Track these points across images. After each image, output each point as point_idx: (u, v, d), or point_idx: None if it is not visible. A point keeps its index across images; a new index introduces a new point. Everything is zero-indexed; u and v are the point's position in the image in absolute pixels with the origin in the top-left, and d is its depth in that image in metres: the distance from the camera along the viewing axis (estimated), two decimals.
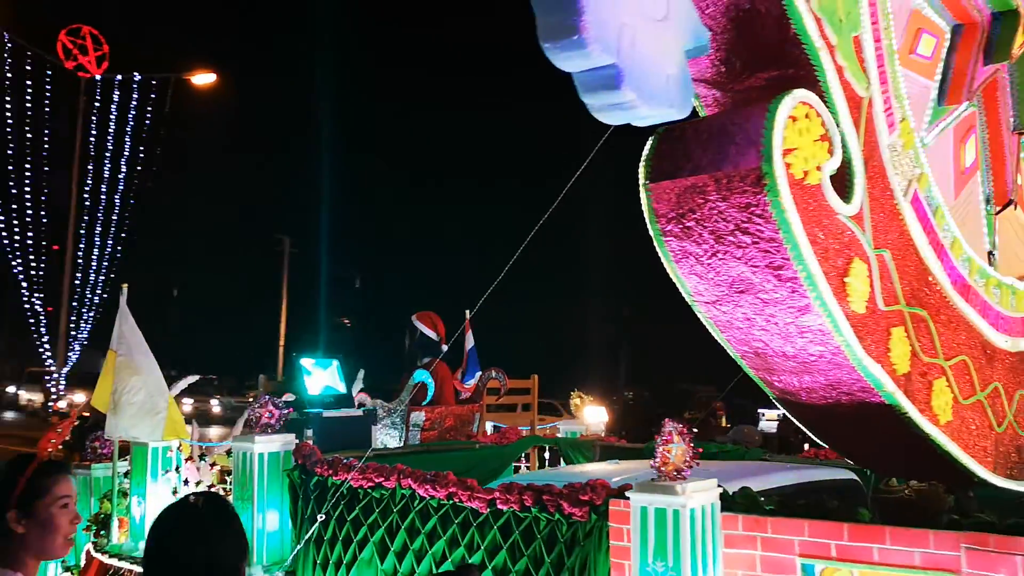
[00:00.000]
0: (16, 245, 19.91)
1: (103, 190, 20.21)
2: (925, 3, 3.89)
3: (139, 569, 5.52)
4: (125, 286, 6.11)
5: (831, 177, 3.10)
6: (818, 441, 4.25)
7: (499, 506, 4.20)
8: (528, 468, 6.92)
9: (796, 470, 4.73)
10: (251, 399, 5.71)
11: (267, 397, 5.29)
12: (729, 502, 3.58)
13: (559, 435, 7.08)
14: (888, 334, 3.31)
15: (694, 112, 3.40)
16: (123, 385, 5.55)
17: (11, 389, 30.47)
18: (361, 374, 6.49)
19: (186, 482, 5.83)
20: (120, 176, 20.23)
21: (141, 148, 20.13)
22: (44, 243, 20.56)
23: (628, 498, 3.55)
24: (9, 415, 26.39)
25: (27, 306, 20.87)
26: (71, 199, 20.41)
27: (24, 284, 20.55)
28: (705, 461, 5.32)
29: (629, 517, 3.54)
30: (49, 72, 19.53)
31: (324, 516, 4.92)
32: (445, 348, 6.44)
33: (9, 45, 18.36)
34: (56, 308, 21.33)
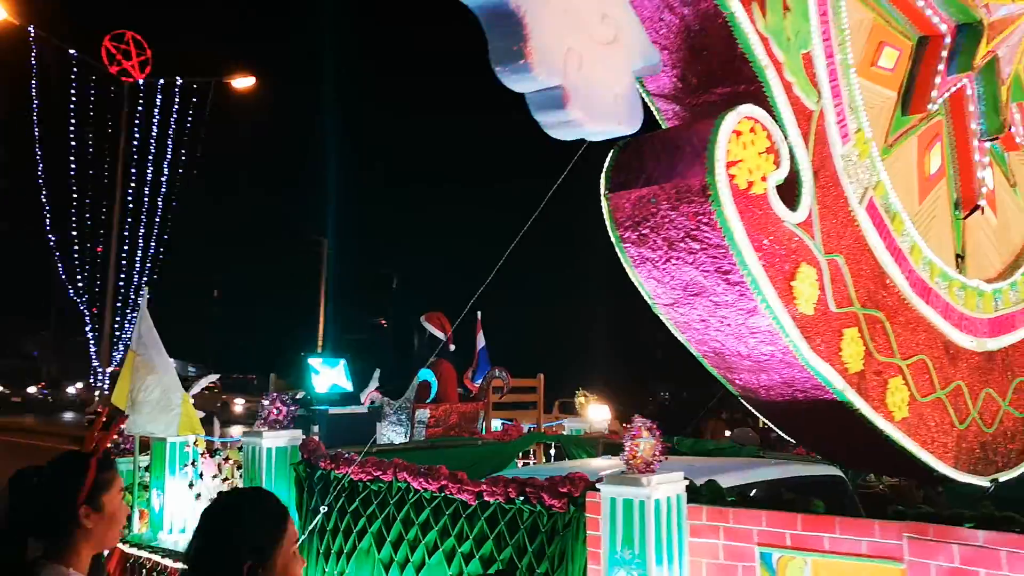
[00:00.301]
0: (63, 247, 20.49)
1: (146, 192, 20.75)
2: (888, 17, 4.06)
3: (157, 558, 5.82)
4: (147, 289, 6.41)
5: (779, 186, 3.28)
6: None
7: (486, 498, 4.39)
8: (535, 464, 7.14)
9: (784, 466, 4.88)
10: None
11: (275, 395, 5.55)
12: (695, 494, 3.76)
13: (564, 432, 7.29)
14: (840, 335, 3.48)
15: (657, 125, 3.60)
16: (140, 383, 5.83)
17: (72, 390, 31.18)
18: (376, 374, 6.74)
19: (202, 476, 6.12)
20: (162, 179, 20.77)
21: (183, 151, 20.67)
22: (88, 245, 21.08)
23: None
24: (68, 415, 26.76)
25: (73, 307, 21.36)
26: (115, 202, 20.92)
27: (70, 286, 21.05)
28: (701, 458, 5.54)
29: None
30: (93, 77, 20.11)
31: (326, 508, 5.16)
32: (452, 348, 6.68)
33: (46, 48, 18.92)
34: (101, 309, 21.81)
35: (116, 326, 21.00)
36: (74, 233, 20.26)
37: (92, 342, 21.39)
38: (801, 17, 3.40)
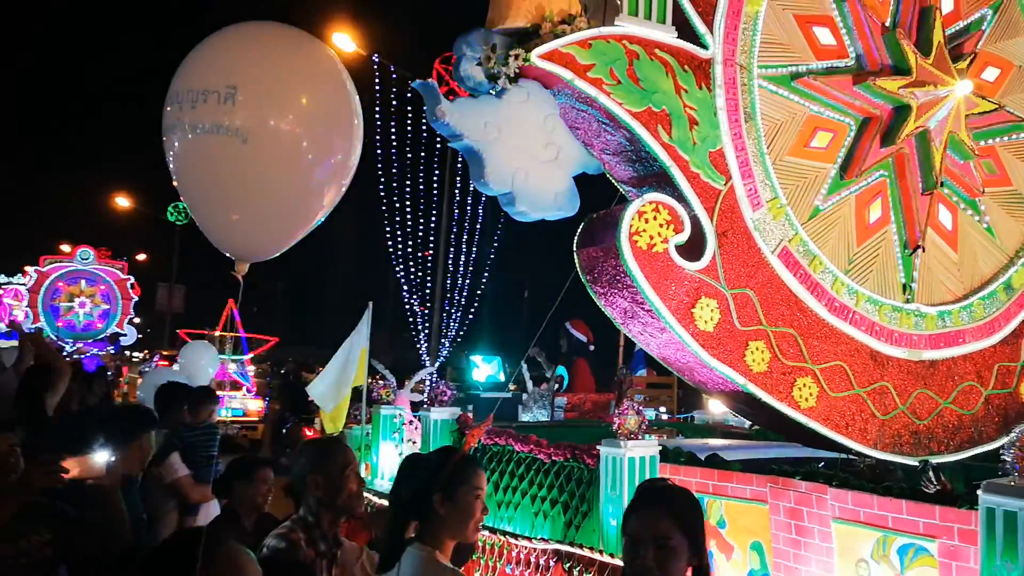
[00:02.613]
0: (398, 253, 23.67)
1: (468, 203, 23.60)
2: (824, 107, 5.29)
3: (372, 497, 8.01)
4: (371, 304, 8.66)
5: (688, 242, 4.74)
6: None
7: (553, 458, 6.10)
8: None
9: (795, 448, 6.11)
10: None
11: (442, 382, 7.58)
12: (664, 455, 5.25)
13: (694, 421, 8.69)
14: (745, 345, 4.84)
15: (622, 198, 5.14)
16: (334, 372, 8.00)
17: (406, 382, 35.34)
18: (524, 367, 8.54)
19: (403, 440, 8.28)
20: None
21: None
22: (419, 253, 24.20)
23: None
24: None
25: (406, 307, 24.46)
26: (442, 209, 23.96)
27: (404, 287, 24.14)
28: (738, 440, 6.85)
29: None
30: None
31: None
32: (592, 348, 8.35)
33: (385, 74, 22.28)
34: (431, 308, 24.90)
35: (443, 324, 23.93)
36: (409, 241, 23.27)
37: (423, 338, 24.49)
38: (709, 127, 4.82)
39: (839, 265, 5.23)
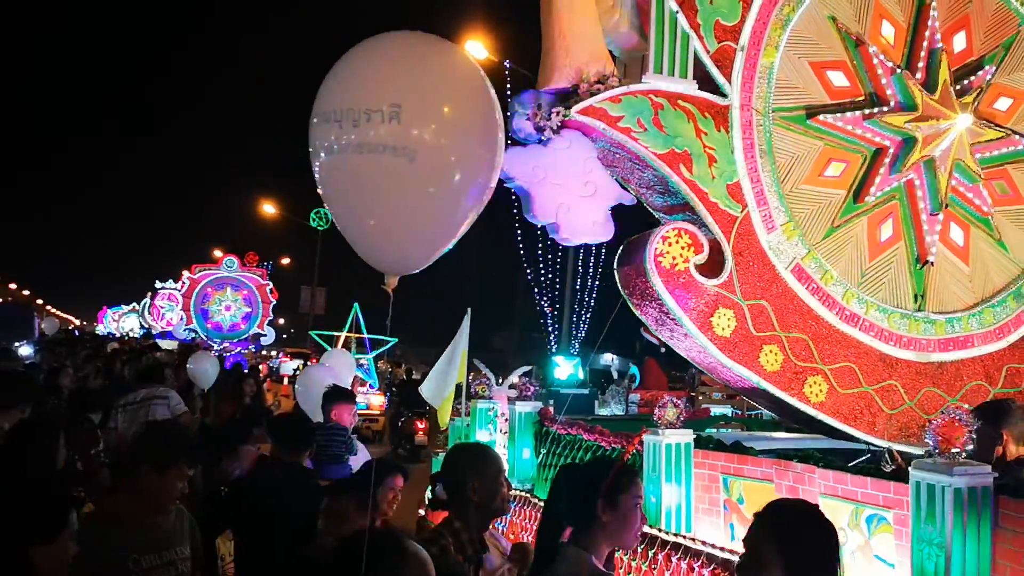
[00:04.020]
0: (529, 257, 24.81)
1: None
2: (839, 143, 6.01)
3: None
4: (469, 310, 9.72)
5: (708, 261, 5.58)
6: None
7: (612, 444, 7.01)
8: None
9: (821, 440, 6.79)
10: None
11: (528, 379, 8.58)
12: (698, 442, 6.08)
13: (762, 418, 9.39)
14: (759, 348, 5.64)
15: (657, 222, 6.00)
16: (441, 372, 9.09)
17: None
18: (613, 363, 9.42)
19: (497, 431, 9.32)
20: None
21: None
22: (549, 256, 25.35)
23: None
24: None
25: (538, 308, 25.55)
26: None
27: (535, 288, 25.24)
28: (781, 434, 7.57)
29: None
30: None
31: (545, 451, 8.05)
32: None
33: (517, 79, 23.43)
34: (560, 310, 25.96)
35: (573, 325, 24.96)
36: (539, 245, 24.39)
37: (552, 339, 25.55)
38: (727, 163, 5.65)
39: (852, 278, 5.95)
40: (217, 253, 31.29)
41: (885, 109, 6.00)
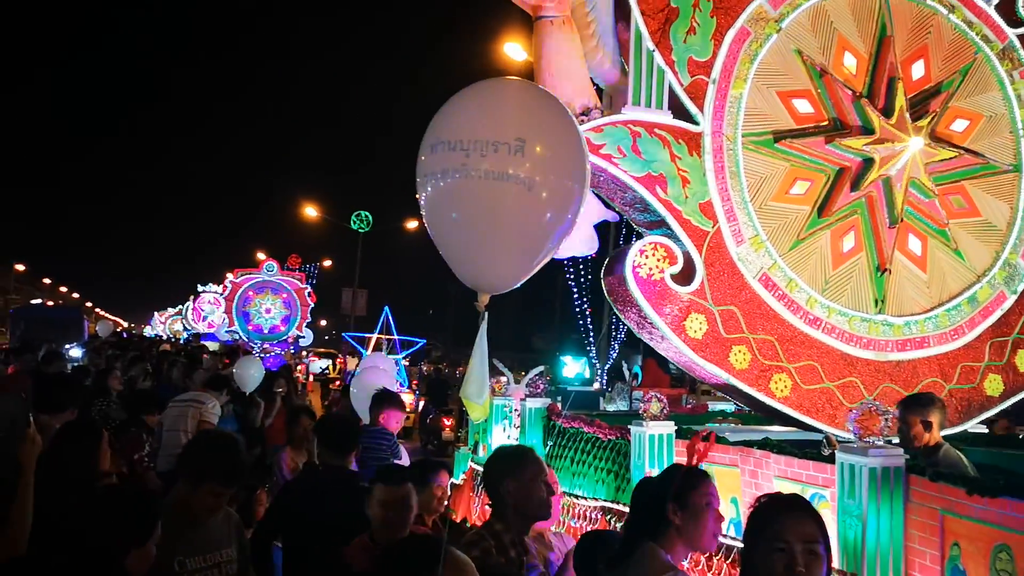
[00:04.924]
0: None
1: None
2: (803, 163, 6.67)
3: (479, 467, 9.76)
4: (486, 314, 10.48)
5: (681, 271, 6.26)
6: None
7: (609, 436, 7.71)
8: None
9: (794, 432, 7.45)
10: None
11: (537, 377, 9.31)
12: (679, 434, 6.76)
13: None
14: (729, 348, 6.32)
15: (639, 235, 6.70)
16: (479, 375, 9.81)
17: None
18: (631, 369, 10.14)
19: (511, 425, 10.06)
20: None
21: None
22: (587, 256, 25.73)
23: None
24: None
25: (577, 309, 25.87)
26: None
27: (574, 288, 25.60)
28: (774, 427, 8.21)
29: None
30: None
31: (552, 443, 8.78)
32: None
33: None
34: (598, 311, 26.26)
35: (612, 327, 25.14)
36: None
37: (591, 339, 25.74)
38: (699, 184, 6.33)
39: (816, 286, 6.60)
40: (260, 256, 32.30)
41: (846, 133, 6.65)
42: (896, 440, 5.18)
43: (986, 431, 7.39)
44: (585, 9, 6.32)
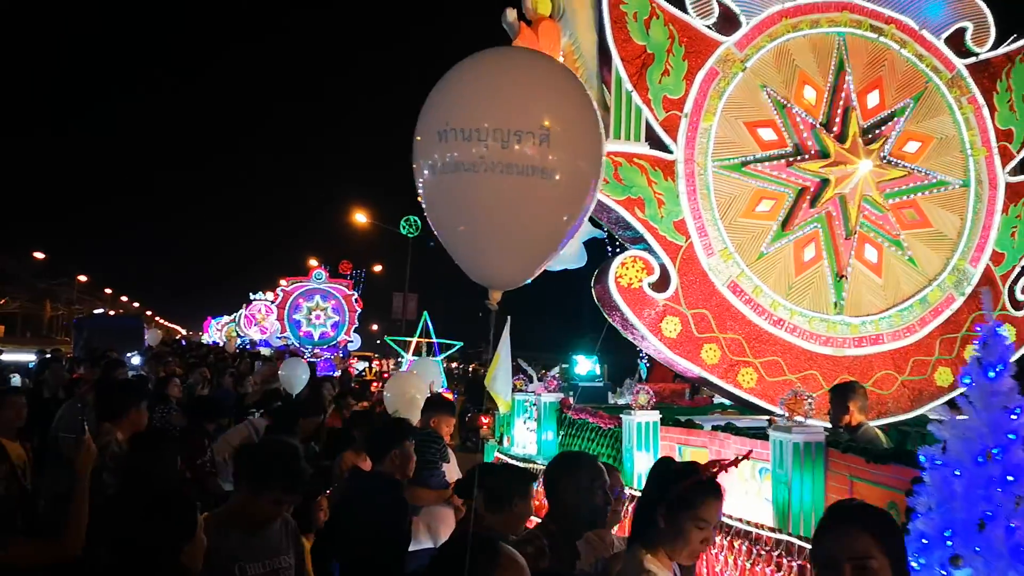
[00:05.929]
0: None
1: None
2: (768, 183, 7.63)
3: (512, 461, 10.78)
4: (508, 318, 11.55)
5: (658, 280, 7.26)
6: None
7: (607, 424, 8.74)
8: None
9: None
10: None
11: (552, 375, 10.36)
12: (663, 421, 7.75)
13: None
14: (700, 346, 7.31)
15: (624, 248, 7.71)
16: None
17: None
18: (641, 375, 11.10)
19: (532, 418, 11.12)
20: None
21: None
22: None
23: None
24: None
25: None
26: None
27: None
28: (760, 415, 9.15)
29: None
30: None
31: (563, 433, 9.83)
32: None
33: None
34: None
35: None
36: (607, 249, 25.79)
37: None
38: (673, 204, 7.33)
39: (780, 291, 7.56)
40: (312, 262, 33.55)
41: (806, 157, 7.60)
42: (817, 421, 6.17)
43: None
44: (573, 56, 7.36)
